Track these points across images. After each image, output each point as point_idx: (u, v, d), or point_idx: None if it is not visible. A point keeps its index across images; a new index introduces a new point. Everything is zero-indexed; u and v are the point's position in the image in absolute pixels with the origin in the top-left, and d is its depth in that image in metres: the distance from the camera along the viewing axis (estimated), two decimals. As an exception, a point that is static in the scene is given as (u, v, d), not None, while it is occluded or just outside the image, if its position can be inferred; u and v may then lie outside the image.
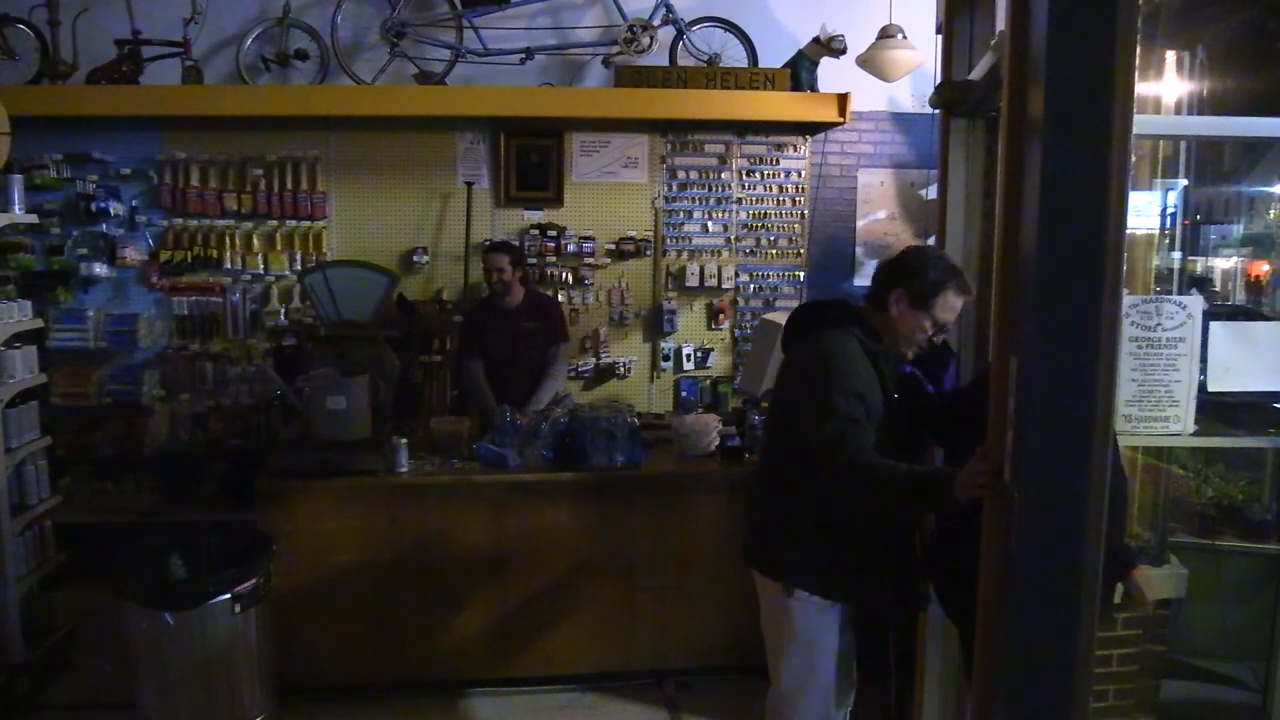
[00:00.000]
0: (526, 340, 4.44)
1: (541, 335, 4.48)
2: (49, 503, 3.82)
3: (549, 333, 4.50)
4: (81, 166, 4.80)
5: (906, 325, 2.40)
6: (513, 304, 4.44)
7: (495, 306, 4.47)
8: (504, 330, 4.42)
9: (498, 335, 4.42)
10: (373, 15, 4.87)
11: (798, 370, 2.46)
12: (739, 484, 3.76)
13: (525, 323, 4.45)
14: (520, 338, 4.43)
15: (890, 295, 2.40)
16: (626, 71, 4.80)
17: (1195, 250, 4.74)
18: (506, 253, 4.39)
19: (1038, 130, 1.40)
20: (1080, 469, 1.41)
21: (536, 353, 4.46)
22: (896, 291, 2.39)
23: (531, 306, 4.51)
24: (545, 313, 4.54)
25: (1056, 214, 1.38)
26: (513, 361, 4.41)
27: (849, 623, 2.50)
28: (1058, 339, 1.40)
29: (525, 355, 4.43)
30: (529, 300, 4.52)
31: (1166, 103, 3.45)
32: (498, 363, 4.43)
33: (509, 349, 4.41)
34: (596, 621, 3.72)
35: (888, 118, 5.27)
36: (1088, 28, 1.34)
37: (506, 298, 4.41)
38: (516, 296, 4.44)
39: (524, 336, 4.43)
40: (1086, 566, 1.43)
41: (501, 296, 4.41)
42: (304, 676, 3.56)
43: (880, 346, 2.42)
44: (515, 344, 4.41)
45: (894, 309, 2.40)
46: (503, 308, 4.44)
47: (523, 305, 4.47)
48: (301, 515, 3.53)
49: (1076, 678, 1.45)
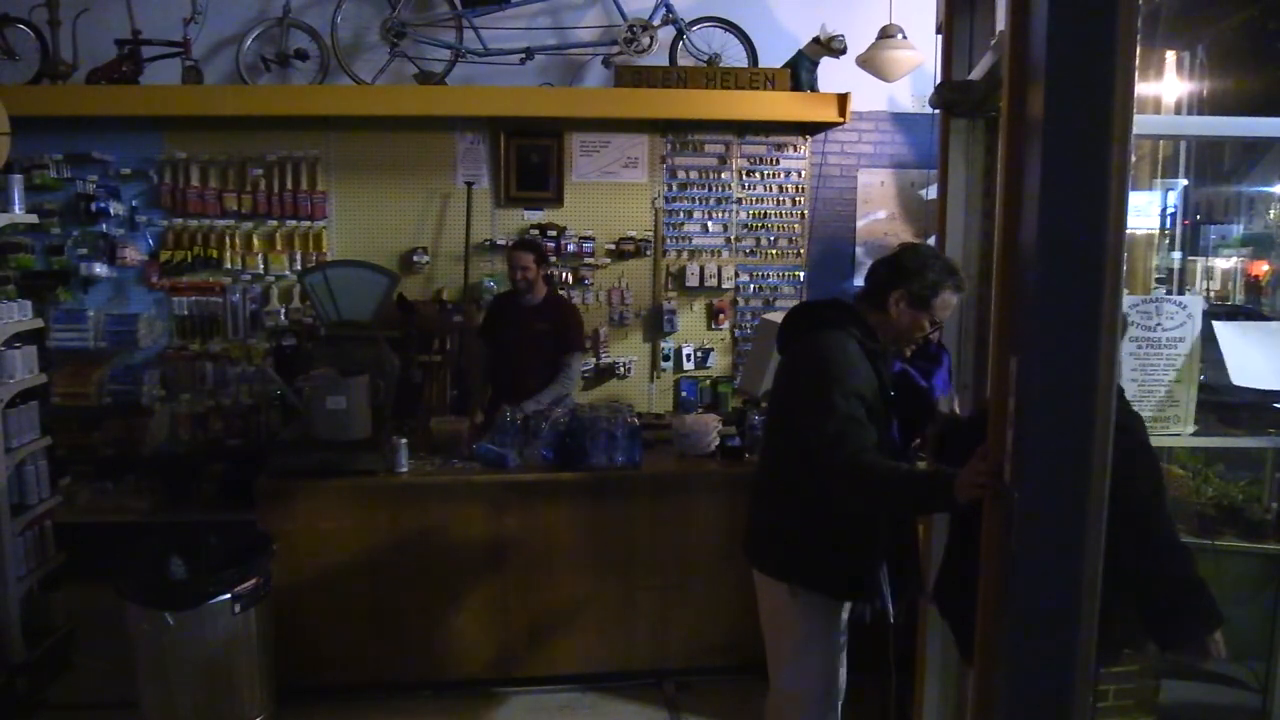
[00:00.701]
0: (537, 340, 4.42)
1: (554, 338, 4.46)
2: (49, 503, 3.82)
3: (562, 338, 4.47)
4: (81, 166, 4.81)
5: (907, 325, 2.42)
6: (533, 302, 4.45)
7: (516, 302, 4.49)
8: (518, 325, 4.43)
9: (510, 329, 4.45)
10: (373, 15, 4.87)
11: (797, 370, 2.46)
12: (739, 484, 3.76)
13: (539, 323, 4.44)
14: (531, 336, 4.42)
15: (890, 296, 2.41)
16: (626, 71, 4.80)
17: (1195, 250, 4.74)
18: (531, 250, 4.41)
19: (1038, 130, 1.40)
20: (1080, 469, 1.41)
21: (546, 355, 4.43)
22: (897, 292, 2.40)
23: (550, 308, 4.51)
24: (562, 317, 4.52)
25: (1056, 214, 1.38)
26: (520, 357, 4.41)
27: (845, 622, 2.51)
28: (1058, 339, 1.40)
29: (534, 355, 4.41)
30: (549, 301, 4.52)
31: (1166, 103, 3.45)
32: (506, 355, 4.46)
33: (518, 344, 4.41)
34: (596, 621, 3.72)
35: (888, 118, 5.27)
36: (1088, 28, 1.34)
37: (529, 295, 4.43)
38: (538, 295, 4.46)
39: (535, 336, 4.42)
40: (1086, 566, 1.43)
41: (524, 293, 4.43)
42: (304, 676, 3.56)
43: (878, 346, 2.42)
44: (526, 341, 4.40)
45: (894, 309, 2.40)
46: (522, 304, 4.46)
47: (542, 305, 4.48)
48: (301, 515, 3.53)
49: (1077, 678, 1.45)
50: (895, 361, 2.54)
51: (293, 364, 4.34)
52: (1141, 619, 2.23)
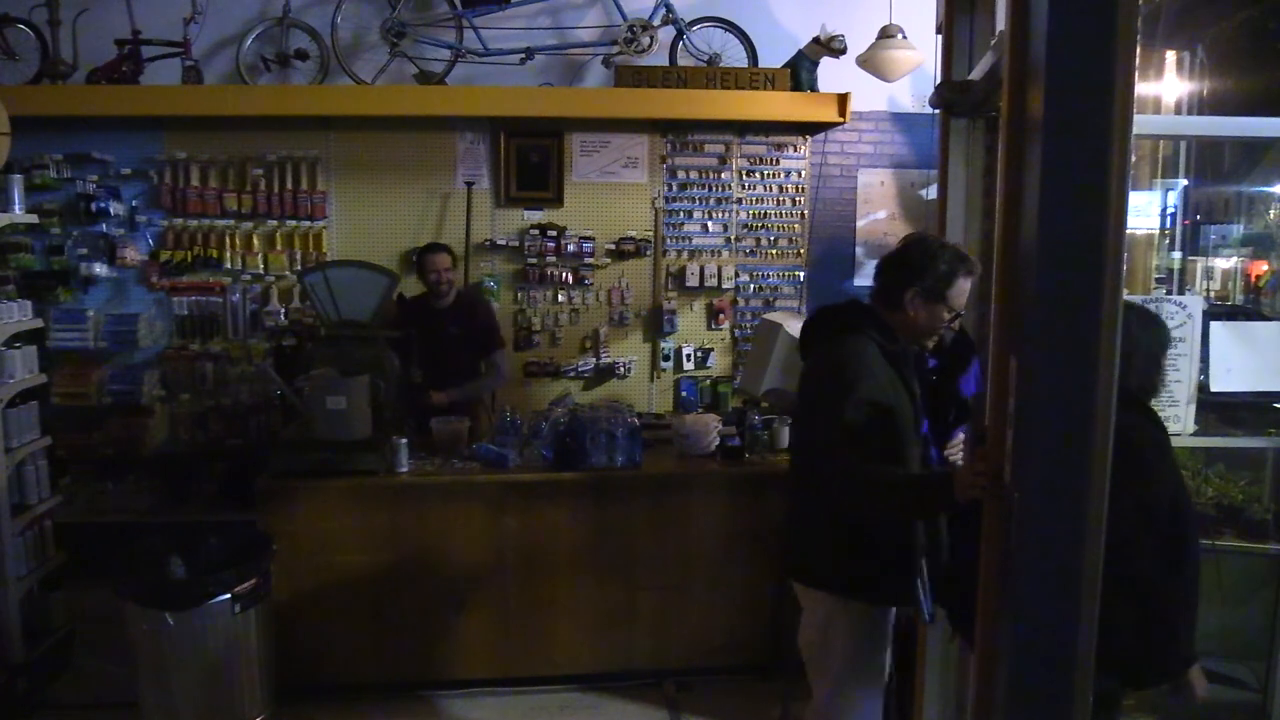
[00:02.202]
0: (453, 345, 4.32)
1: (471, 341, 4.35)
2: (49, 503, 3.82)
3: (480, 339, 4.36)
4: (81, 166, 4.80)
5: (926, 320, 2.38)
6: (444, 304, 4.37)
7: (428, 306, 4.41)
8: (431, 331, 4.24)
9: (424, 335, 4.17)
10: (373, 15, 4.87)
11: (813, 378, 2.45)
12: (739, 484, 3.77)
13: (451, 326, 4.34)
14: (447, 342, 4.30)
15: (904, 295, 2.36)
16: (626, 71, 4.80)
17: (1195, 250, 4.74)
18: (447, 251, 4.38)
19: (1038, 130, 1.40)
20: (1080, 469, 1.41)
21: (466, 361, 4.34)
22: (910, 290, 2.35)
23: (461, 309, 4.41)
24: (475, 316, 4.41)
25: (1056, 214, 1.38)
26: (438, 366, 4.22)
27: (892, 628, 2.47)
28: (1058, 339, 1.40)
29: (452, 360, 4.29)
30: (459, 302, 4.44)
31: (1166, 103, 3.45)
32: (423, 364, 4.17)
33: (434, 351, 4.20)
34: (596, 621, 3.72)
35: (888, 118, 5.27)
36: (1088, 28, 1.34)
37: (443, 299, 4.37)
38: (449, 297, 4.41)
39: (451, 341, 4.31)
40: (1086, 566, 1.43)
41: (440, 297, 4.36)
42: (304, 676, 3.56)
43: (900, 346, 2.38)
44: (441, 347, 4.26)
45: (911, 308, 2.37)
46: (434, 307, 4.37)
47: (453, 307, 4.39)
48: (301, 515, 3.53)
49: (1077, 677, 1.45)
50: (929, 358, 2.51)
51: (293, 364, 4.34)
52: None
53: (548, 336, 5.14)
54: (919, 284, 2.35)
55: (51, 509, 3.85)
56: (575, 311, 5.13)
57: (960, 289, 2.36)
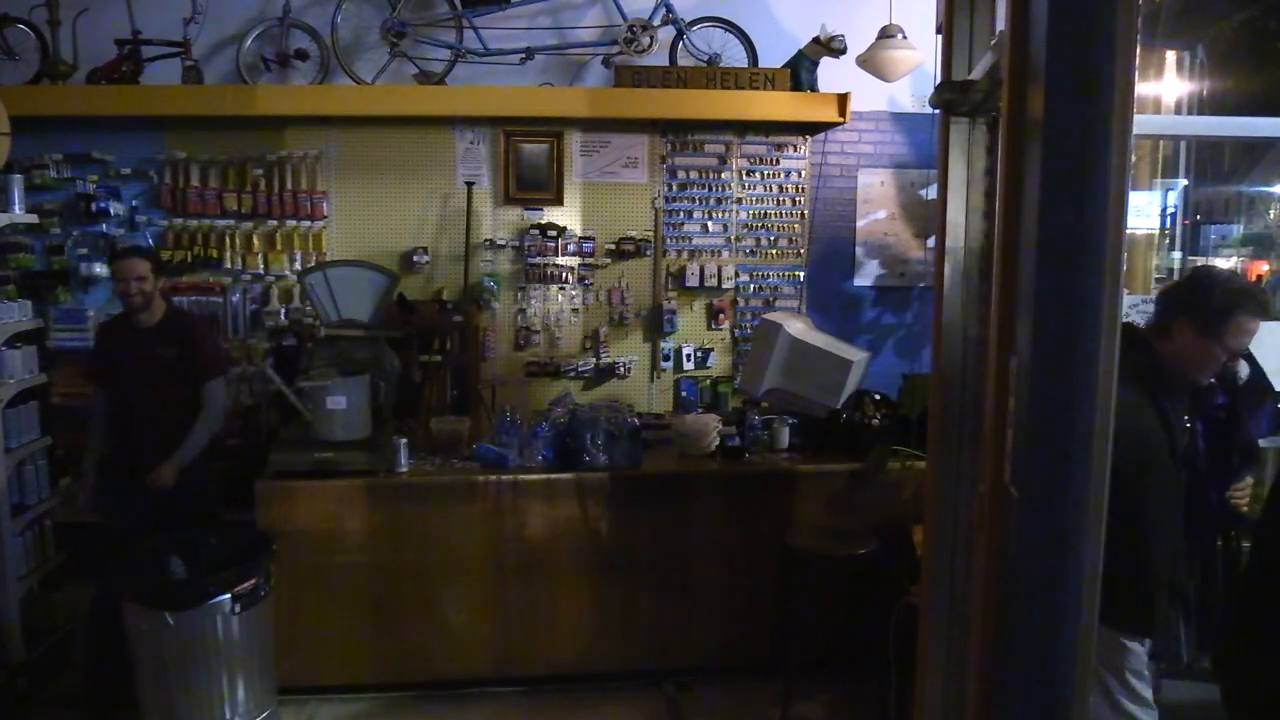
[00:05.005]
0: (163, 371, 3.62)
1: (183, 366, 3.64)
2: (49, 503, 3.82)
3: (193, 364, 3.65)
4: (81, 166, 4.80)
5: (1193, 354, 2.27)
6: (150, 322, 3.66)
7: (129, 325, 3.68)
8: (135, 355, 3.63)
9: (127, 361, 3.63)
10: (373, 15, 4.87)
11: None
12: (739, 483, 3.77)
13: (162, 347, 3.64)
14: (155, 367, 3.62)
15: (1174, 324, 2.27)
16: (626, 71, 4.80)
17: (1195, 250, 4.74)
18: (146, 257, 3.66)
19: (1038, 130, 1.40)
20: (1080, 469, 1.41)
21: (178, 391, 3.63)
22: (1181, 319, 2.26)
23: (172, 327, 3.70)
24: (187, 336, 3.69)
25: (1056, 214, 1.38)
26: (144, 397, 3.63)
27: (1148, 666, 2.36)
28: (1058, 339, 1.40)
29: (162, 391, 3.62)
30: (170, 320, 3.73)
31: (1166, 103, 3.46)
32: (126, 395, 3.65)
33: (141, 378, 3.63)
34: (596, 621, 3.72)
35: (888, 118, 5.27)
36: (1088, 28, 1.34)
37: (144, 314, 3.64)
38: (156, 313, 3.68)
39: (160, 366, 3.62)
40: (1087, 566, 1.43)
41: (139, 312, 3.63)
42: (304, 676, 3.56)
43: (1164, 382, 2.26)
44: (148, 374, 3.62)
45: (1178, 338, 2.27)
46: (137, 326, 3.65)
47: (161, 325, 3.68)
48: (301, 515, 3.54)
49: (1077, 678, 1.45)
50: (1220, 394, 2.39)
51: (293, 364, 4.34)
52: None
53: (548, 336, 5.14)
54: (1190, 314, 2.25)
55: (51, 509, 3.85)
56: (575, 311, 5.13)
57: (1239, 327, 2.23)
